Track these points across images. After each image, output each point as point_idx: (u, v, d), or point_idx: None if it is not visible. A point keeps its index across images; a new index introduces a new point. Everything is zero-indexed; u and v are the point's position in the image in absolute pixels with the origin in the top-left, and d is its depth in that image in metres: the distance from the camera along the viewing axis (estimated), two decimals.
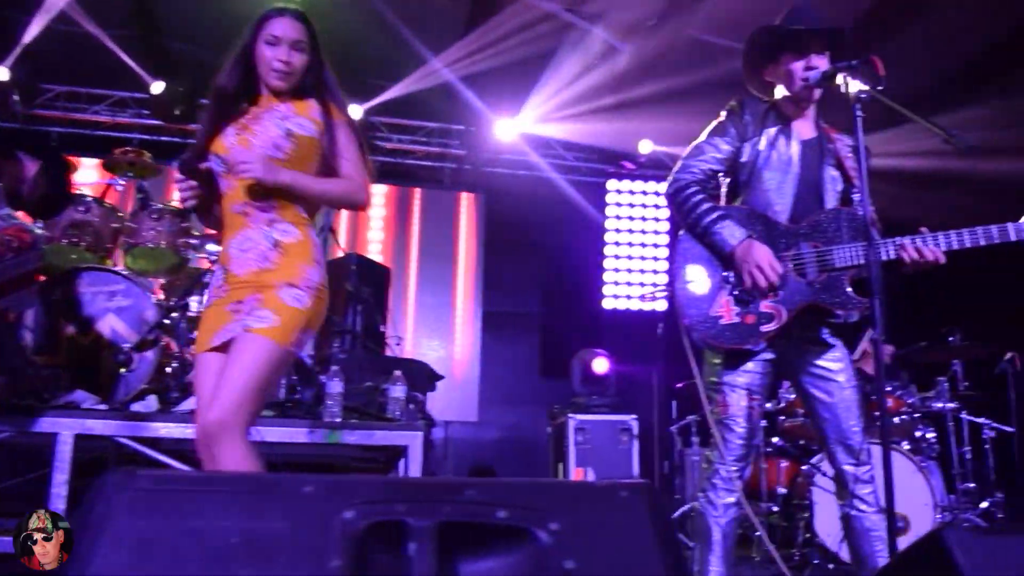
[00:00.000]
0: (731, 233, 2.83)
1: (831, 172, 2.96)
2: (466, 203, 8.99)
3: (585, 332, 8.59)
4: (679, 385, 6.13)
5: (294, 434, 3.81)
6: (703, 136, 3.03)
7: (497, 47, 7.36)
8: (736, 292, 2.84)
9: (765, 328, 2.80)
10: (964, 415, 5.56)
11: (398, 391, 3.97)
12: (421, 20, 7.13)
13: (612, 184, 9.00)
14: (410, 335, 8.27)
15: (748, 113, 2.98)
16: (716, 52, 7.18)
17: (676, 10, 6.93)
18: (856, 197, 2.97)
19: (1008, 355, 5.75)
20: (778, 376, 3.09)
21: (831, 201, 2.94)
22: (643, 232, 9.03)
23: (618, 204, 9.02)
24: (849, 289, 2.78)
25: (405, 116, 8.42)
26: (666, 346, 7.25)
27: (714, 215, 2.87)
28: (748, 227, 2.86)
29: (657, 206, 9.05)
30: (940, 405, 5.32)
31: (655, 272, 8.96)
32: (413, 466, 3.68)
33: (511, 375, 9.02)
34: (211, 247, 4.57)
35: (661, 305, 8.49)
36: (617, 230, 8.98)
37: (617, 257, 8.94)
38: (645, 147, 8.56)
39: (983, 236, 2.66)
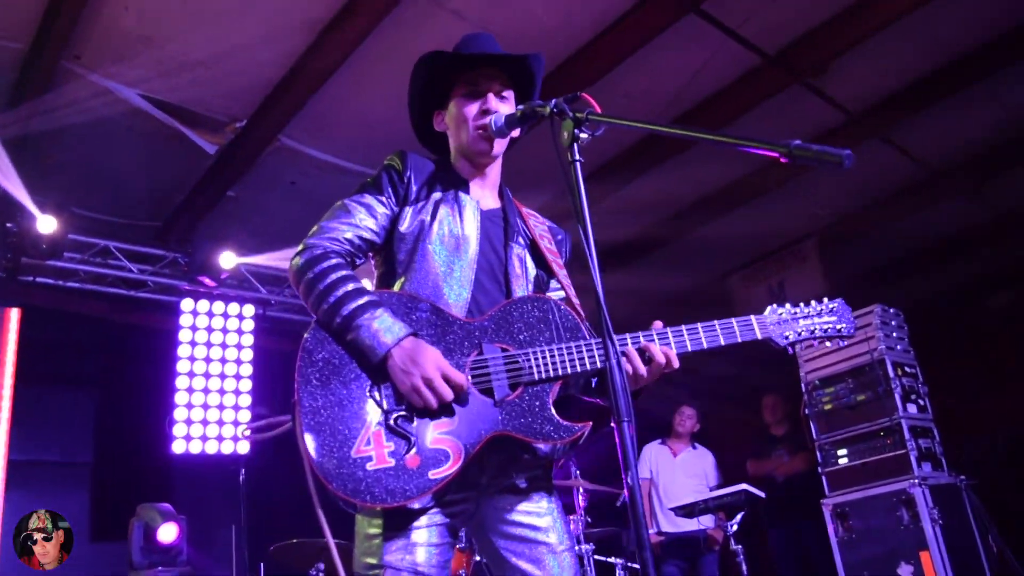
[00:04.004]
0: (386, 328, 1.88)
1: (519, 252, 2.17)
2: None
3: (149, 483, 7.13)
4: (273, 547, 4.91)
5: None
6: (353, 193, 2.10)
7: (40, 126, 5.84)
8: (391, 420, 1.87)
9: (436, 474, 1.85)
10: (595, 555, 5.05)
11: None
12: None
13: (187, 304, 7.56)
14: None
15: (412, 170, 2.13)
16: (300, 158, 6.44)
17: (267, 113, 6.06)
18: (556, 289, 2.20)
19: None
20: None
21: (521, 290, 2.13)
22: (223, 361, 7.65)
23: (193, 328, 7.58)
24: (553, 411, 1.95)
25: None
26: (249, 497, 6.00)
27: (361, 300, 1.91)
28: (410, 321, 1.94)
29: (240, 331, 7.79)
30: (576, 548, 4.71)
31: (236, 408, 7.60)
32: None
33: None
34: None
35: (244, 446, 7.17)
36: (192, 358, 7.51)
37: (191, 391, 7.43)
38: (227, 261, 7.29)
39: (723, 334, 1.98)
